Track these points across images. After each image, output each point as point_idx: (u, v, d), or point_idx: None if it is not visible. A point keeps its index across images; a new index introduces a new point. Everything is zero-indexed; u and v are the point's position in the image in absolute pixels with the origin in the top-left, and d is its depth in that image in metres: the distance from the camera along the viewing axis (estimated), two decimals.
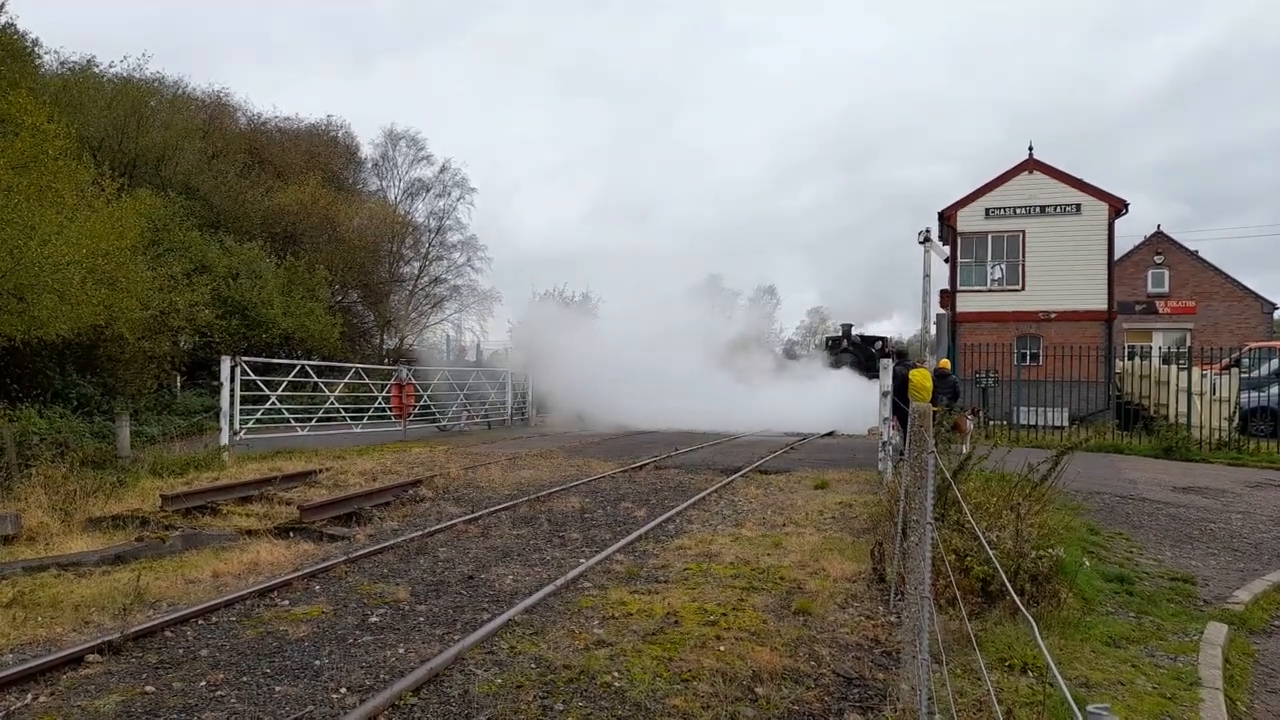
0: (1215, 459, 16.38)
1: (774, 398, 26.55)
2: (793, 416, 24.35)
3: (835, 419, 23.66)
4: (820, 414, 24.37)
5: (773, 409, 25.52)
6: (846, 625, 5.68)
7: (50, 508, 8.77)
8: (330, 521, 9.12)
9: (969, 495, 7.43)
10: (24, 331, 13.76)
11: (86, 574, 6.85)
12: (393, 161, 39.17)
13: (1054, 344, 23.37)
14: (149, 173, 24.27)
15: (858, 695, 4.56)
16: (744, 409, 25.67)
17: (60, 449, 11.23)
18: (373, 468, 12.93)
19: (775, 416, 24.50)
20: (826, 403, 25.61)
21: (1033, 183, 25.52)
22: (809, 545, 7.92)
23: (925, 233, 23.05)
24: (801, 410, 24.94)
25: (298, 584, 6.57)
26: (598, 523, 9.23)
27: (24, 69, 19.05)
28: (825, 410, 24.73)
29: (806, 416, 24.24)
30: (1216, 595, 6.96)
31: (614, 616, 5.73)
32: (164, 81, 28.22)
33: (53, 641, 5.30)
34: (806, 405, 25.44)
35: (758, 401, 26.38)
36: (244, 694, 4.43)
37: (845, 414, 23.80)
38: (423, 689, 4.45)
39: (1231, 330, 37.24)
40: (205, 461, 12.81)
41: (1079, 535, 8.49)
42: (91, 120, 22.43)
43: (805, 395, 26.45)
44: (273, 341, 23.43)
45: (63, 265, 13.87)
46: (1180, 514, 10.55)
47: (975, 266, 26.15)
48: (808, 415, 24.32)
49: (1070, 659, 5.14)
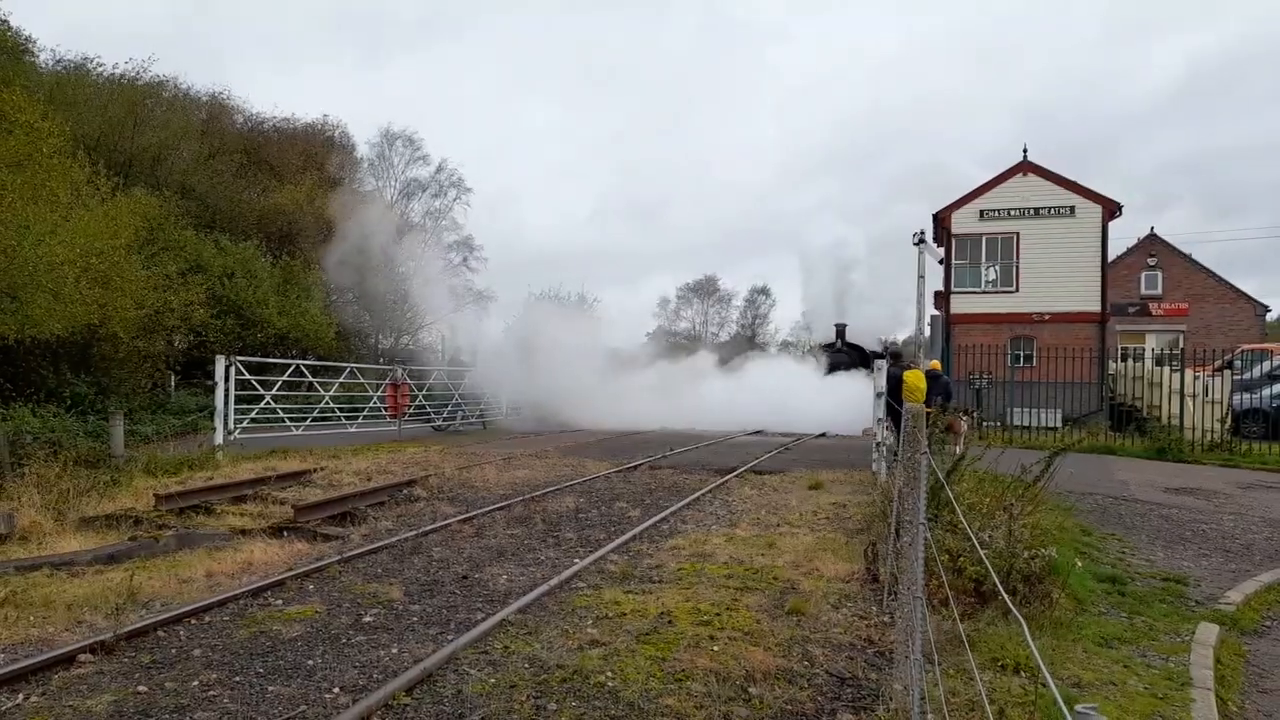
0: (1208, 460, 16.44)
1: (769, 398, 26.58)
2: (788, 417, 24.41)
3: (828, 420, 23.73)
4: (815, 415, 24.44)
5: (768, 409, 25.60)
6: (840, 625, 5.70)
7: (43, 507, 8.73)
8: (324, 521, 9.10)
9: (962, 496, 7.46)
10: (18, 330, 13.73)
11: (79, 573, 6.83)
12: (389, 161, 39.19)
13: (1047, 345, 23.44)
14: (144, 172, 24.22)
15: (851, 695, 4.57)
16: (738, 410, 25.75)
17: (54, 448, 11.20)
18: (367, 467, 12.91)
19: (773, 418, 24.57)
20: (821, 404, 25.66)
21: (1027, 185, 25.60)
22: (803, 545, 7.93)
23: (920, 234, 23.11)
24: (797, 411, 25.00)
25: (291, 584, 6.56)
26: (592, 522, 9.23)
27: (18, 67, 19.02)
28: (821, 411, 24.80)
29: (800, 416, 24.30)
30: (1208, 596, 6.99)
31: (608, 616, 5.74)
32: (164, 83, 28.18)
33: (45, 641, 5.29)
34: (801, 406, 25.48)
35: (752, 402, 26.44)
36: (237, 694, 4.42)
37: (841, 415, 23.89)
38: (416, 689, 4.44)
39: (1224, 332, 37.39)
40: (199, 461, 12.78)
41: (1072, 536, 8.53)
42: (87, 119, 22.37)
43: (800, 396, 26.46)
44: (267, 341, 23.39)
45: (57, 264, 13.85)
46: (1172, 515, 10.59)
47: (969, 268, 26.22)
48: (803, 416, 24.39)
49: (1063, 659, 5.16)
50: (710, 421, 24.15)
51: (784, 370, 27.59)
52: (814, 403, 25.58)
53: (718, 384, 27.57)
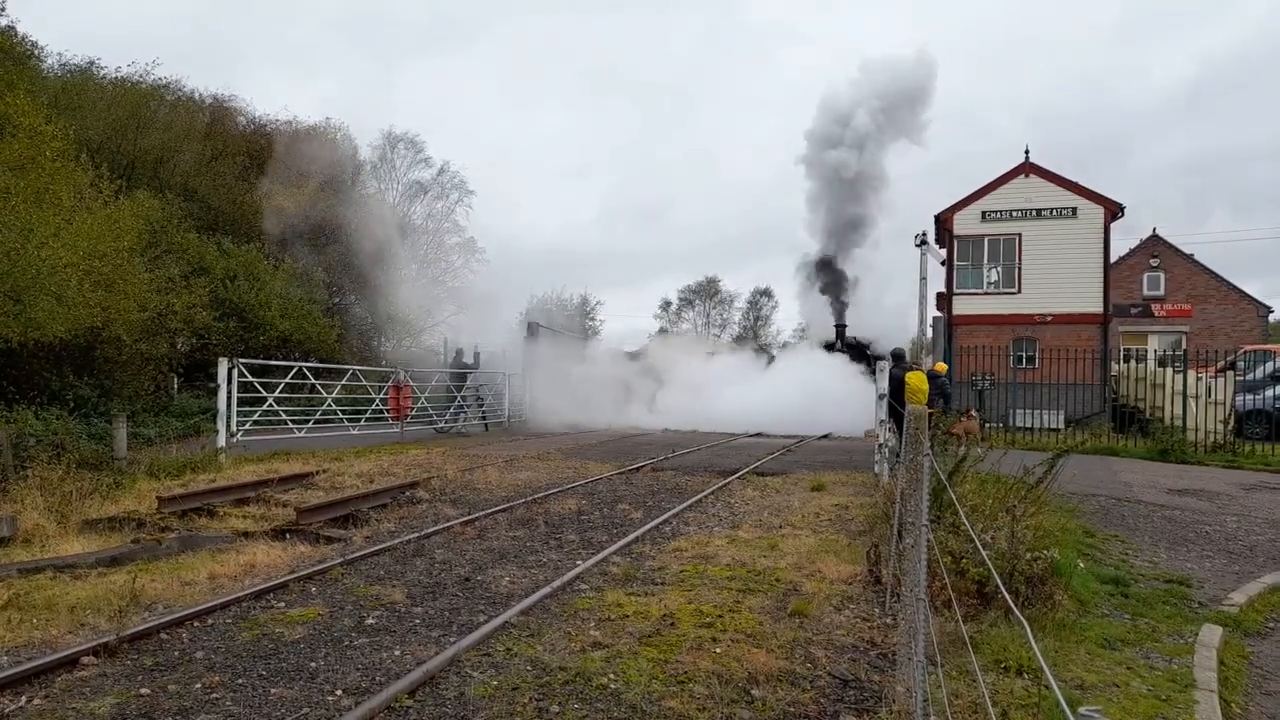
0: (1210, 461, 16.41)
1: (770, 400, 26.57)
2: (789, 418, 24.41)
3: (831, 422, 23.72)
4: (819, 416, 24.43)
5: (768, 411, 25.60)
6: (842, 627, 5.69)
7: (46, 509, 8.74)
8: (327, 523, 9.10)
9: (965, 498, 7.45)
10: (21, 333, 13.75)
11: (82, 576, 6.84)
12: (391, 164, 39.20)
13: (1050, 347, 23.41)
14: (147, 174, 24.26)
15: (854, 697, 4.56)
16: (740, 411, 25.75)
17: (56, 450, 11.20)
18: (370, 469, 12.92)
19: (771, 419, 24.56)
20: (824, 405, 25.65)
21: (1029, 186, 25.59)
22: (805, 547, 7.93)
23: (922, 235, 23.10)
24: (800, 412, 24.99)
25: (294, 586, 6.56)
26: (594, 524, 9.23)
27: (22, 71, 19.07)
28: (824, 413, 24.79)
29: (804, 417, 24.29)
30: (1211, 597, 6.98)
31: (610, 618, 5.74)
32: (167, 85, 28.22)
33: (48, 644, 5.29)
34: (807, 406, 25.47)
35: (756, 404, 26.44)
36: (239, 696, 4.43)
37: (843, 417, 23.86)
38: (419, 691, 4.45)
39: (1227, 333, 37.34)
40: (202, 463, 12.78)
41: (1074, 537, 8.51)
42: (90, 122, 22.42)
43: (808, 397, 26.44)
44: (270, 343, 23.41)
45: (60, 267, 13.87)
46: (1175, 516, 10.57)
47: (972, 269, 26.21)
48: (805, 417, 24.38)
49: (1065, 661, 5.15)
50: (712, 423, 24.18)
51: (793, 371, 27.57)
52: (821, 404, 25.60)
53: (726, 389, 27.54)
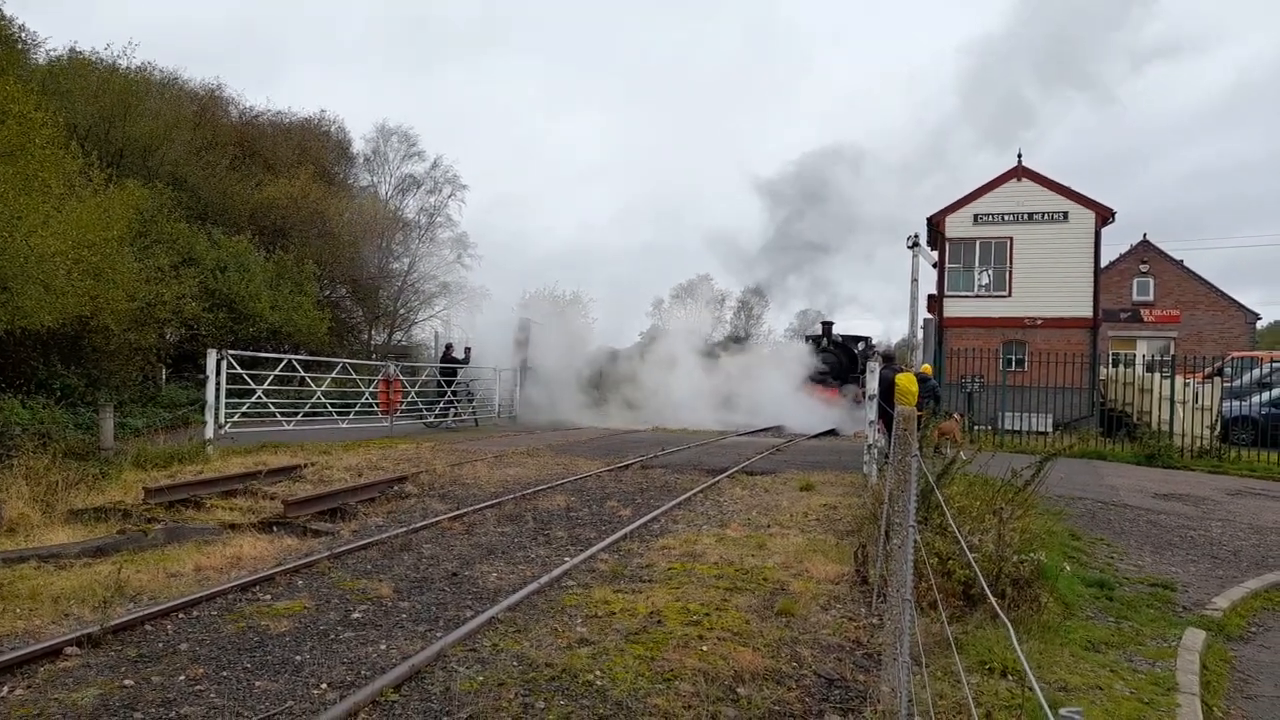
0: (1197, 467, 16.53)
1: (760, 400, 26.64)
2: (780, 417, 24.48)
3: (821, 421, 23.80)
4: (808, 416, 24.51)
5: (758, 410, 25.68)
6: (829, 627, 5.71)
7: (31, 499, 8.68)
8: (314, 516, 9.07)
9: (952, 499, 7.49)
10: (8, 322, 13.65)
11: (67, 566, 6.79)
12: (384, 157, 39.08)
13: (1039, 350, 23.53)
14: (136, 163, 24.05)
15: (839, 696, 4.58)
16: (729, 410, 25.81)
17: (43, 440, 11.14)
18: (358, 463, 12.88)
19: (763, 418, 24.63)
20: (814, 405, 25.75)
21: (1021, 190, 25.68)
22: (793, 547, 7.95)
23: (914, 238, 23.17)
24: (792, 412, 25.07)
25: (280, 579, 6.54)
26: (583, 521, 9.22)
27: (11, 55, 18.90)
28: (813, 412, 24.88)
29: (793, 417, 24.37)
30: (1195, 602, 7.03)
31: (597, 615, 5.74)
32: (152, 71, 27.98)
33: (31, 634, 5.26)
34: (795, 407, 25.56)
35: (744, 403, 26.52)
36: (224, 688, 4.41)
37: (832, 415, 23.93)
38: (404, 686, 4.44)
39: (1215, 339, 37.62)
40: (189, 454, 12.71)
41: (1060, 540, 8.56)
42: (79, 108, 22.22)
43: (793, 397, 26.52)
44: (260, 335, 23.29)
45: (48, 256, 13.77)
46: (1161, 520, 10.64)
47: (963, 272, 26.31)
48: (797, 417, 24.46)
49: (1049, 663, 5.18)
50: (702, 422, 24.21)
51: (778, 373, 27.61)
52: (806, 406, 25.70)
53: (709, 384, 27.58)
